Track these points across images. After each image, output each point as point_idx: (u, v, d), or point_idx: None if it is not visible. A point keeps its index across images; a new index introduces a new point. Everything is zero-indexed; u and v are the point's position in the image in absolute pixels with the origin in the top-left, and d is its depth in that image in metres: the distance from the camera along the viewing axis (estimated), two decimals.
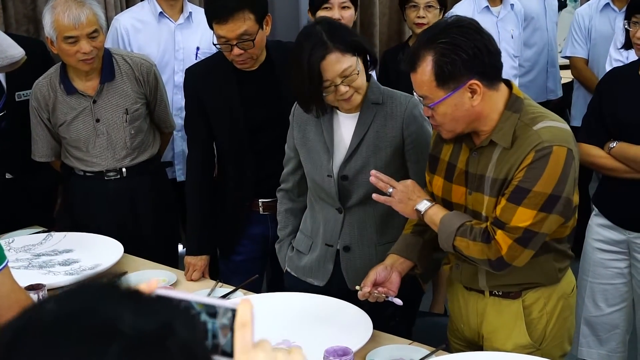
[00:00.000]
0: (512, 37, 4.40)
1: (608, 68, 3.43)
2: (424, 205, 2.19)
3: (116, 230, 3.05)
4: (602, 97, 2.96)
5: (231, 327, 0.99)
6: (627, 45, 2.97)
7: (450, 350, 2.35)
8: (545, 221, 2.01)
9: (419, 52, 2.02)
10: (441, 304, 3.95)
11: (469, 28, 2.01)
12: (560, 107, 5.59)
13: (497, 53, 2.04)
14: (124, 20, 3.56)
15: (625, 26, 2.91)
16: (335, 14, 3.30)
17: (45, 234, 3.12)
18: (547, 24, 4.82)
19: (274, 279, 3.11)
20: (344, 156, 2.46)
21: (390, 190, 2.24)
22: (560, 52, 5.83)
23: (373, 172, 2.26)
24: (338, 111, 2.46)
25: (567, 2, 6.10)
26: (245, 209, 2.95)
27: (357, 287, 2.27)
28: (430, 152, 2.29)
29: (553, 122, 2.06)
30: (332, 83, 2.30)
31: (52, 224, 3.35)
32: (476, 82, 1.99)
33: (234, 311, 0.98)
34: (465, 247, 2.09)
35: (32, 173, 3.31)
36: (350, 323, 2.30)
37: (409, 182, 2.24)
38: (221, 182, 3.00)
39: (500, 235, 2.02)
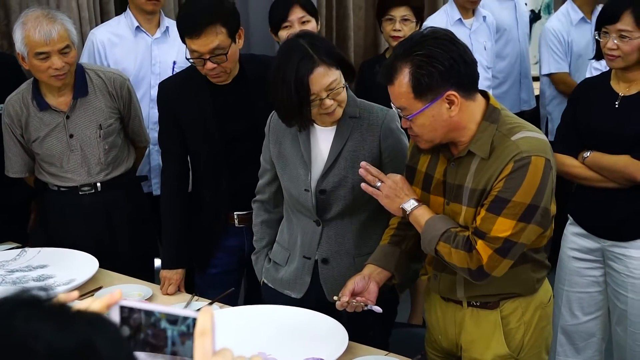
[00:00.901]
0: (485, 49, 4.44)
1: (545, 70, 3.47)
2: (410, 204, 2.18)
3: (92, 245, 3.02)
4: (576, 107, 2.99)
5: (190, 335, 1.01)
6: (598, 55, 2.99)
7: None
8: (525, 231, 2.02)
9: (396, 65, 2.02)
10: (419, 315, 3.95)
11: (444, 39, 2.02)
12: (534, 117, 5.63)
13: (473, 63, 2.05)
14: (100, 34, 3.55)
15: (596, 37, 2.94)
16: (296, 30, 3.28)
17: (19, 250, 3.09)
18: (519, 35, 4.85)
19: (251, 291, 3.10)
20: (322, 170, 2.46)
21: (379, 184, 2.23)
22: (537, 64, 5.90)
23: (363, 163, 2.26)
24: (315, 124, 2.46)
25: (541, 13, 6.14)
26: (220, 221, 2.94)
27: (335, 298, 2.26)
28: (407, 163, 2.29)
29: (531, 133, 2.06)
30: (318, 97, 2.29)
31: (26, 240, 3.32)
32: (453, 92, 2.00)
33: (194, 320, 1.00)
34: (447, 253, 2.09)
35: (6, 188, 3.28)
36: (326, 335, 2.30)
37: (398, 177, 2.23)
38: (196, 195, 2.99)
39: (480, 245, 2.03)
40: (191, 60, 2.70)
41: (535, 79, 5.37)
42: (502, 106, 2.15)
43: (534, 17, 6.01)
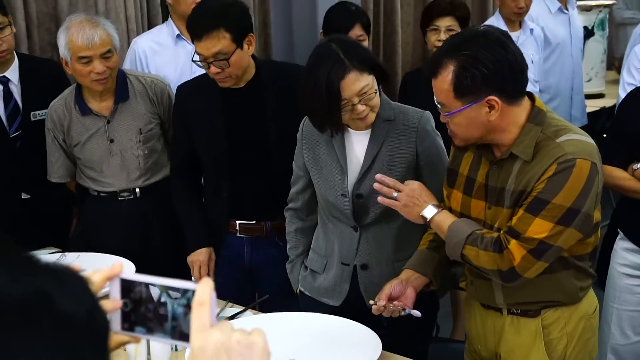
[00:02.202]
0: (532, 62, 4.34)
1: (622, 93, 3.39)
2: (430, 211, 2.16)
3: (128, 250, 3.02)
4: (626, 116, 2.91)
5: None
6: None
7: None
8: (562, 235, 1.97)
9: (442, 59, 2.00)
10: (461, 331, 3.87)
11: (495, 41, 1.98)
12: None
13: (521, 70, 2.00)
14: (142, 42, 3.58)
15: None
16: None
17: (59, 255, 3.11)
18: (572, 50, 4.77)
19: (262, 303, 3.03)
20: (358, 174, 2.44)
21: (395, 194, 2.20)
22: (589, 81, 5.78)
23: (377, 175, 2.24)
24: (349, 129, 2.44)
25: (594, 30, 6.02)
26: (221, 229, 2.92)
27: (372, 302, 2.24)
28: (448, 166, 2.26)
29: (577, 135, 2.02)
30: (350, 102, 2.28)
31: (67, 246, 3.35)
32: (495, 98, 1.96)
33: (194, 292, 0.98)
34: (475, 256, 2.06)
35: (48, 193, 3.32)
36: (359, 344, 2.26)
37: (415, 185, 2.21)
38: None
39: (514, 245, 1.99)
40: (198, 62, 2.70)
41: (587, 96, 5.29)
42: (548, 108, 2.10)
43: (587, 33, 5.90)
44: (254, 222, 2.87)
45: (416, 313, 2.20)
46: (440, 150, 2.43)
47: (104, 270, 1.07)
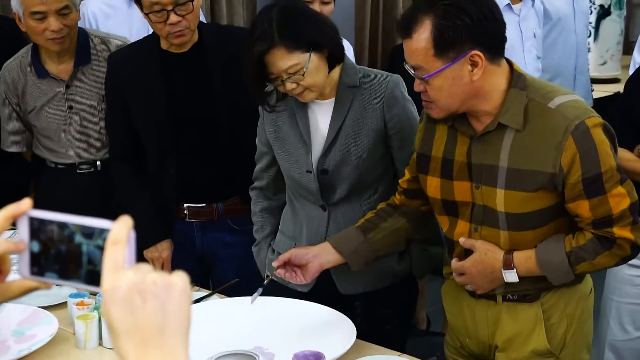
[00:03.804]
0: (535, 37, 4.26)
1: (632, 72, 3.29)
2: (507, 270, 2.05)
3: None
4: (632, 96, 2.84)
5: None
6: None
7: None
8: (632, 187, 1.98)
9: (417, 15, 1.90)
10: None
11: None
12: None
13: (503, 23, 1.94)
14: (92, 4, 3.49)
15: None
16: (315, 7, 3.21)
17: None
18: (576, 26, 4.64)
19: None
20: (322, 148, 2.34)
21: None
22: (604, 64, 5.64)
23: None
24: (314, 99, 2.33)
25: (611, 9, 5.83)
26: (168, 214, 2.81)
27: (268, 273, 2.22)
28: (418, 151, 2.17)
29: (567, 96, 1.98)
30: (279, 77, 2.19)
31: None
32: (478, 52, 1.88)
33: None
34: (591, 267, 2.03)
35: (2, 165, 3.21)
36: (332, 330, 2.20)
37: (470, 261, 2.09)
38: None
39: (617, 229, 1.96)
40: (151, 15, 2.56)
41: (601, 80, 5.16)
42: (522, 70, 2.03)
43: (603, 12, 5.74)
44: (203, 204, 2.77)
45: (254, 297, 2.21)
46: (411, 117, 2.33)
47: (9, 207, 1.01)
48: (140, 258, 2.68)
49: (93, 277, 0.96)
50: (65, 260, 0.99)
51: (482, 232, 2.06)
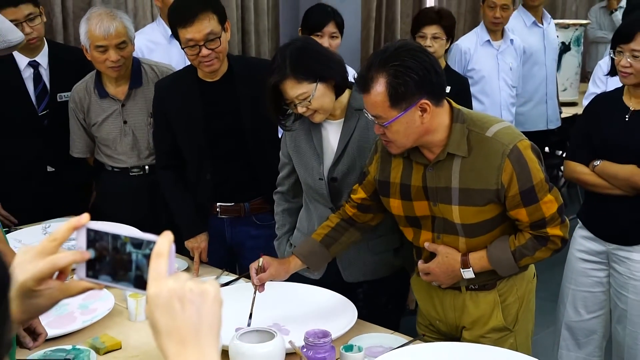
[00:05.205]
0: (511, 69, 4.29)
1: (584, 101, 3.32)
2: (466, 271, 2.07)
3: (138, 220, 2.91)
4: (590, 118, 2.84)
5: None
6: (612, 72, 2.84)
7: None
8: (558, 193, 2.02)
9: (372, 74, 1.89)
10: None
11: (417, 50, 1.90)
12: (560, 138, 5.44)
13: (442, 73, 1.94)
14: (138, 41, 3.46)
15: (611, 55, 2.78)
16: (325, 42, 3.22)
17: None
18: (546, 60, 4.68)
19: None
20: (332, 160, 2.36)
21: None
22: (564, 91, 5.70)
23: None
24: (327, 119, 2.35)
25: (571, 45, 5.92)
26: (204, 211, 2.81)
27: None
28: (378, 178, 2.14)
29: (499, 124, 2.00)
30: (292, 102, 2.22)
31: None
32: (426, 101, 1.89)
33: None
34: (532, 260, 2.06)
35: (71, 167, 3.25)
36: (338, 312, 2.21)
37: (434, 263, 2.11)
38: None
39: (551, 229, 2.00)
40: (186, 50, 2.56)
41: (563, 104, 5.21)
42: (459, 106, 2.04)
43: (564, 48, 5.79)
44: (232, 203, 2.77)
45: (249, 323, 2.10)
46: None
47: (70, 220, 0.99)
48: (182, 247, 2.77)
49: (140, 282, 0.96)
50: (116, 266, 0.98)
51: (444, 239, 2.08)
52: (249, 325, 2.05)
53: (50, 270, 0.98)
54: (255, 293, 2.15)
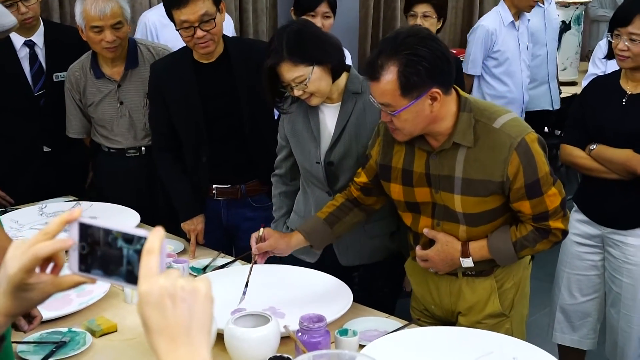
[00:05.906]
0: (527, 49, 4.29)
1: (584, 82, 3.30)
2: (465, 259, 2.07)
3: (134, 202, 2.95)
4: (586, 103, 2.83)
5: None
6: (610, 55, 2.82)
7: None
8: (561, 186, 2.01)
9: (382, 62, 1.86)
10: None
11: (429, 38, 1.87)
12: (560, 118, 5.42)
13: (452, 61, 1.91)
14: (152, 16, 3.46)
15: (608, 38, 2.76)
16: (317, 21, 3.19)
17: (74, 202, 3.06)
18: (547, 40, 4.64)
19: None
20: (329, 144, 2.34)
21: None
22: (564, 70, 5.68)
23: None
24: (324, 102, 2.33)
25: (571, 24, 5.87)
26: (201, 193, 2.80)
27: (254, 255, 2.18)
28: (380, 162, 2.12)
29: (507, 115, 1.98)
30: (288, 85, 2.21)
31: (82, 195, 3.28)
32: (437, 90, 1.87)
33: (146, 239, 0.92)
34: (531, 251, 2.07)
35: (67, 148, 3.24)
36: (333, 295, 2.21)
37: (433, 250, 2.10)
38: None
39: (552, 222, 2.00)
40: (181, 31, 2.53)
41: (562, 83, 5.18)
42: (466, 94, 2.02)
43: (565, 27, 5.75)
44: (229, 185, 2.77)
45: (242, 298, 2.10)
46: None
47: (63, 214, 0.98)
48: (179, 229, 2.77)
49: (131, 277, 0.94)
50: (108, 260, 0.97)
51: (444, 226, 2.07)
52: (244, 294, 2.06)
53: (32, 262, 0.96)
54: (253, 263, 2.15)
